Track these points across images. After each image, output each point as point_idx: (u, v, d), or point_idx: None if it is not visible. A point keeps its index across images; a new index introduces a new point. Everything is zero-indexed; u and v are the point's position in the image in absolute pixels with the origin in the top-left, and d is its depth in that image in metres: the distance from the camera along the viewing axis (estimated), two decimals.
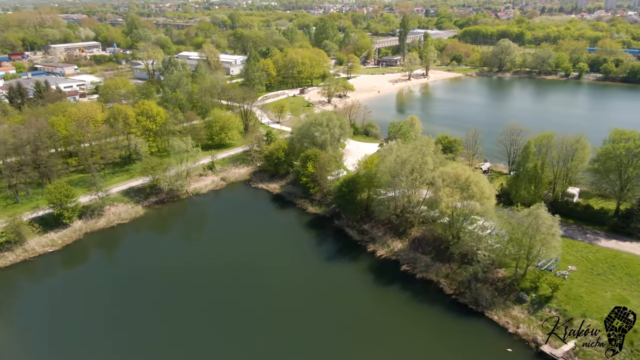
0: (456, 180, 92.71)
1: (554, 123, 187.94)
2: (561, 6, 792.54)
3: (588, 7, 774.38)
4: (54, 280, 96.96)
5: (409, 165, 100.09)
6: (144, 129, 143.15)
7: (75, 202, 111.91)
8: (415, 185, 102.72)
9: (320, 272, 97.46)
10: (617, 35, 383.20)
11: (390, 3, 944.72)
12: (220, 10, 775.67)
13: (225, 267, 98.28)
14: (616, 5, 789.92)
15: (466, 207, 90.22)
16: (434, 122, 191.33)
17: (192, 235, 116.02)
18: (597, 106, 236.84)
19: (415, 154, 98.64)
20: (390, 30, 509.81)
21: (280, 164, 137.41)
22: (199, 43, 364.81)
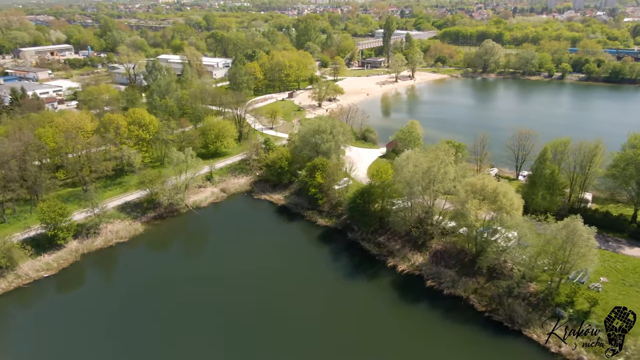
0: (482, 191, 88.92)
1: (547, 124, 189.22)
2: (532, 6, 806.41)
3: (558, 8, 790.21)
4: (51, 308, 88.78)
5: (429, 175, 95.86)
6: (136, 139, 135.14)
7: (70, 221, 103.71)
8: (435, 196, 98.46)
9: (339, 290, 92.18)
10: (594, 36, 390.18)
11: (364, 4, 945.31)
12: (193, 11, 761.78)
13: (234, 288, 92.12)
14: (584, 5, 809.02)
15: (496, 220, 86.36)
16: (428, 125, 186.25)
17: (196, 253, 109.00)
18: (583, 106, 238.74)
19: (436, 164, 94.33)
20: (369, 31, 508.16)
21: (283, 173, 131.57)
22: (177, 45, 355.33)
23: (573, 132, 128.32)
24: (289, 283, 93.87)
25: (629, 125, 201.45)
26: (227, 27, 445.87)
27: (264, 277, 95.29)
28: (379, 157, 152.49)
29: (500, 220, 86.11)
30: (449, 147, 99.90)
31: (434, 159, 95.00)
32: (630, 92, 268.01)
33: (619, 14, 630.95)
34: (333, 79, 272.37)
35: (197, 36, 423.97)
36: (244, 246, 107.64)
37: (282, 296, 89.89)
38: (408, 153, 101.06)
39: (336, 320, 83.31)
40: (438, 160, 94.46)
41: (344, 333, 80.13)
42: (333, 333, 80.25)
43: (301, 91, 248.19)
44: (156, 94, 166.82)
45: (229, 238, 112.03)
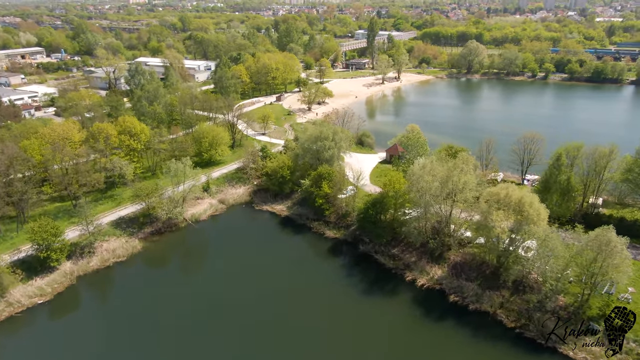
0: (506, 201, 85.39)
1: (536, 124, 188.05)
2: (504, 7, 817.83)
3: (530, 8, 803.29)
4: (48, 338, 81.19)
5: (448, 185, 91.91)
6: (127, 149, 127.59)
7: (63, 241, 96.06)
8: (454, 207, 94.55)
9: (358, 308, 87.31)
10: (571, 36, 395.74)
11: (339, 4, 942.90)
12: (166, 12, 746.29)
13: (241, 309, 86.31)
14: (555, 5, 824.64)
15: (525, 232, 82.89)
16: (422, 128, 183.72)
17: (198, 271, 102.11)
18: (570, 107, 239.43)
19: (455, 173, 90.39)
20: (349, 32, 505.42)
21: (285, 182, 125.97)
22: (154, 48, 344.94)
23: (566, 133, 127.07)
24: (300, 302, 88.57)
25: (616, 125, 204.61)
26: (204, 29, 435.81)
27: (273, 295, 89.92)
28: (379, 163, 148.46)
29: (529, 232, 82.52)
30: (468, 155, 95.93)
31: (453, 167, 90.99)
32: (612, 91, 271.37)
33: (589, 14, 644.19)
34: (319, 81, 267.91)
35: (174, 38, 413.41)
36: (248, 262, 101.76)
37: (295, 316, 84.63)
38: (424, 162, 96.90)
39: (359, 342, 78.47)
40: (457, 169, 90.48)
41: (368, 356, 75.34)
42: (357, 356, 75.39)
43: (289, 94, 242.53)
44: (144, 99, 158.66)
45: (232, 253, 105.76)
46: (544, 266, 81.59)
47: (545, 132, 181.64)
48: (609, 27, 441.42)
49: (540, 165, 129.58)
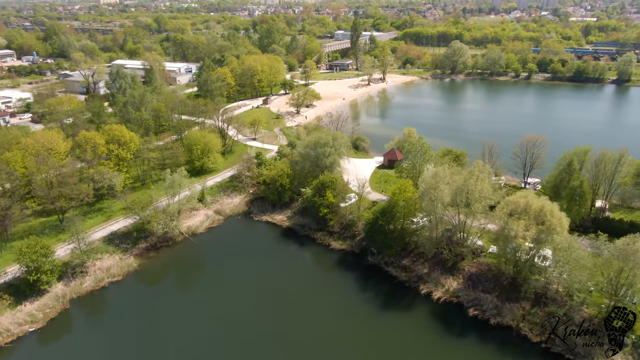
0: (526, 210, 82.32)
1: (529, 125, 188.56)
2: (479, 7, 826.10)
3: (503, 8, 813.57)
4: None
5: (463, 194, 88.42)
6: (116, 159, 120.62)
7: (54, 261, 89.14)
8: (469, 216, 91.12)
9: (373, 324, 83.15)
10: (549, 35, 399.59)
11: (315, 4, 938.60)
12: (140, 13, 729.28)
13: (247, 327, 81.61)
14: (527, 5, 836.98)
15: (548, 242, 79.91)
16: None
17: (200, 289, 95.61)
18: (558, 106, 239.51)
19: (472, 182, 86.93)
20: (328, 33, 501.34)
21: (284, 191, 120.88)
22: (131, 50, 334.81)
23: (559, 133, 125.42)
24: (309, 319, 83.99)
25: (605, 124, 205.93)
26: (182, 30, 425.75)
27: (279, 312, 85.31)
28: (377, 168, 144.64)
29: (552, 242, 79.55)
30: (484, 163, 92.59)
31: (469, 176, 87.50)
32: (595, 90, 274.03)
33: (562, 13, 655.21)
34: (304, 83, 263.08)
35: (150, 39, 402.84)
36: (251, 277, 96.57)
37: (304, 334, 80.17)
38: (436, 170, 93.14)
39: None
40: (473, 177, 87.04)
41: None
42: None
43: (275, 97, 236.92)
44: (129, 105, 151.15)
45: (233, 268, 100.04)
46: (569, 277, 78.55)
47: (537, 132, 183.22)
48: (585, 26, 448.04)
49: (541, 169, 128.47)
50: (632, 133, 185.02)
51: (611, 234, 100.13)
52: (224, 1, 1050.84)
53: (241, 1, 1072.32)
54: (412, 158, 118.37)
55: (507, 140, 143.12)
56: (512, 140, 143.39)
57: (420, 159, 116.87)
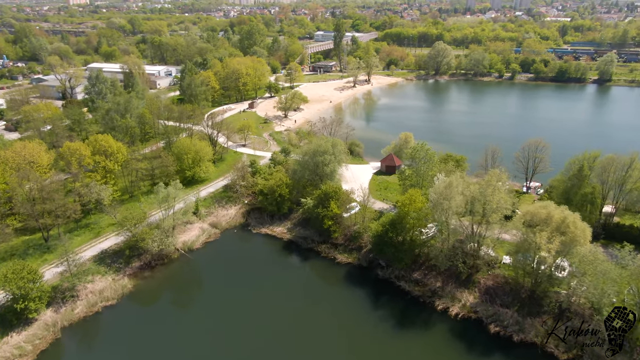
0: (548, 221, 78.93)
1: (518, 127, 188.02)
2: (455, 7, 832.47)
3: (478, 8, 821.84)
4: None
5: (479, 204, 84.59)
6: (103, 171, 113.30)
7: (42, 287, 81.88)
8: (485, 227, 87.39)
9: (389, 344, 78.40)
10: (527, 36, 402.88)
11: (291, 4, 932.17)
12: (112, 14, 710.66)
13: (253, 351, 76.19)
14: (501, 5, 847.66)
15: (572, 255, 76.59)
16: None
17: (200, 310, 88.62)
18: (545, 107, 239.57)
19: (490, 192, 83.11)
20: (307, 34, 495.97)
21: (283, 202, 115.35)
22: (107, 53, 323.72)
23: (549, 135, 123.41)
24: (320, 340, 78.89)
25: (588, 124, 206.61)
26: (158, 31, 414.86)
27: (287, 333, 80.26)
28: (374, 174, 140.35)
29: (577, 254, 76.27)
30: (500, 171, 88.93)
31: (487, 185, 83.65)
32: (577, 90, 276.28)
33: (536, 14, 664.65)
34: (289, 86, 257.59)
35: (125, 41, 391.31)
36: (254, 295, 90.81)
37: (316, 357, 74.83)
38: (450, 180, 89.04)
39: None
40: (491, 187, 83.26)
41: None
42: None
43: (261, 100, 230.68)
44: (113, 112, 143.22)
45: (234, 286, 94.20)
46: (596, 291, 75.25)
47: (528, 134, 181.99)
48: (562, 26, 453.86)
49: (544, 173, 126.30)
50: (621, 132, 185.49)
51: (622, 241, 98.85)
52: (198, 2, 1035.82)
53: (215, 2, 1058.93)
54: (416, 165, 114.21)
55: (499, 142, 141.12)
56: (504, 142, 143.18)
57: (424, 166, 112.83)
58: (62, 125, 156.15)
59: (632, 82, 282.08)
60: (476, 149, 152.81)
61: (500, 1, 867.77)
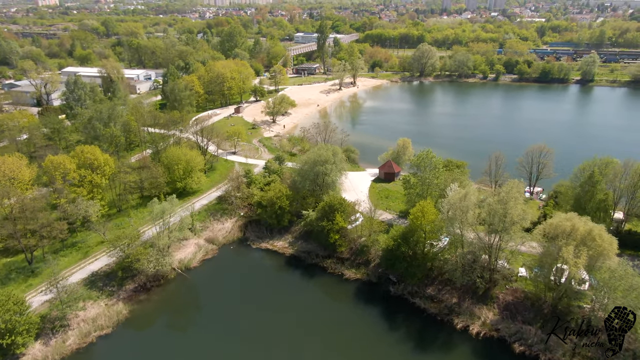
0: (572, 234, 75.28)
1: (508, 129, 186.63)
2: (431, 8, 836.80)
3: (454, 9, 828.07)
4: None
5: (497, 217, 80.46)
6: (90, 186, 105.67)
7: (30, 318, 74.47)
8: (504, 240, 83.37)
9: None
10: (507, 36, 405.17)
11: (267, 5, 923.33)
12: (84, 16, 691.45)
13: None
14: (476, 6, 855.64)
15: (601, 269, 73.09)
16: (395, 138, 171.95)
17: (202, 335, 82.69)
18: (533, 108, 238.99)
19: (512, 204, 79.03)
20: (286, 35, 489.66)
21: (283, 214, 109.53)
22: (82, 56, 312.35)
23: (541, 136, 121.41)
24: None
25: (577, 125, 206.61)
26: (134, 34, 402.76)
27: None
28: (373, 182, 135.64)
29: (605, 268, 72.78)
30: (518, 182, 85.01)
31: (508, 197, 79.53)
32: (560, 91, 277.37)
33: (511, 14, 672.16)
34: (274, 89, 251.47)
35: (100, 44, 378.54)
36: (258, 317, 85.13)
37: None
38: (466, 191, 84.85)
39: None
40: (512, 200, 79.21)
41: None
42: None
43: (247, 104, 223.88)
44: (96, 120, 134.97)
45: (236, 307, 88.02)
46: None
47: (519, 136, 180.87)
48: (540, 27, 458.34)
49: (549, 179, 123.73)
50: (612, 133, 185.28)
51: (635, 248, 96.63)
52: (172, 3, 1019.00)
53: (190, 3, 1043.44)
54: (421, 173, 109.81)
55: (493, 146, 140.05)
56: (497, 145, 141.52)
57: (430, 174, 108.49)
58: (40, 134, 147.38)
59: (614, 82, 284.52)
60: (470, 153, 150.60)
61: (476, 2, 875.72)
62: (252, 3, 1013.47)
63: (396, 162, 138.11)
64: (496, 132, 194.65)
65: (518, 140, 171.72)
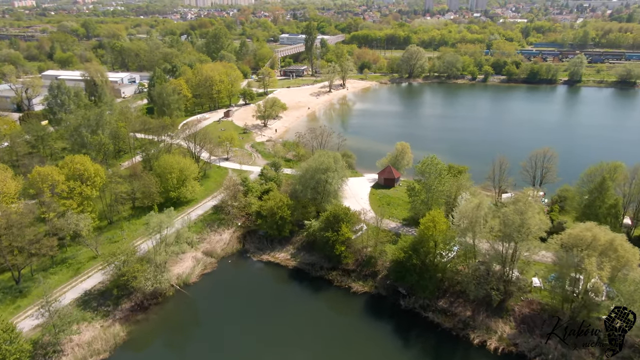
0: (593, 244, 72.61)
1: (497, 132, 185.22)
2: (414, 8, 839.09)
3: (437, 9, 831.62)
4: None
5: (514, 227, 77.41)
6: (80, 198, 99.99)
7: (21, 345, 68.92)
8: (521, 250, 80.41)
9: None
10: (493, 37, 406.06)
11: (249, 6, 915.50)
12: (62, 17, 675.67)
13: None
14: (458, 7, 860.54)
15: (628, 282, 70.48)
16: (391, 142, 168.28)
17: (207, 356, 78.40)
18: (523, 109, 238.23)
19: (531, 214, 76.05)
20: (271, 36, 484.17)
21: (284, 225, 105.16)
22: (63, 59, 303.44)
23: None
24: None
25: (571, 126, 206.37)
26: (116, 35, 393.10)
27: None
28: (372, 188, 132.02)
29: (630, 279, 70.23)
30: (537, 191, 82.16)
31: (526, 207, 76.48)
32: (549, 91, 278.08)
33: (493, 15, 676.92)
34: (263, 92, 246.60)
35: (81, 46, 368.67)
36: (264, 334, 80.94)
37: None
38: (480, 200, 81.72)
39: None
40: (532, 209, 76.22)
41: None
42: None
43: (236, 108, 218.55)
44: (84, 128, 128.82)
45: (240, 325, 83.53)
46: None
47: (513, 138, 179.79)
48: (524, 28, 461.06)
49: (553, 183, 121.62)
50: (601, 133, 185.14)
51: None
52: (152, 4, 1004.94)
53: (170, 4, 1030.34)
54: (426, 180, 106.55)
55: (486, 148, 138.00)
56: (491, 146, 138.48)
57: (435, 181, 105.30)
58: (23, 142, 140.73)
59: (601, 82, 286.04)
60: (465, 155, 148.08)
61: (458, 3, 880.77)
62: (234, 4, 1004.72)
63: (395, 167, 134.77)
64: (489, 134, 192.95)
65: (513, 142, 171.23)
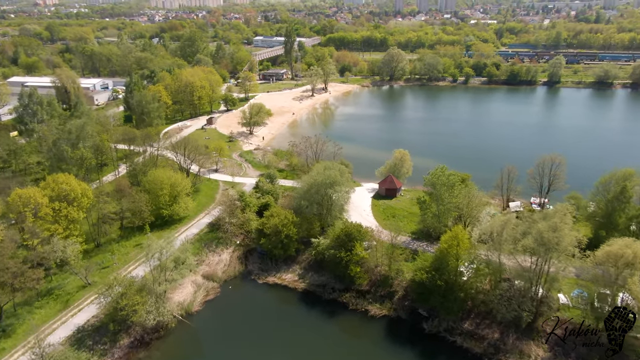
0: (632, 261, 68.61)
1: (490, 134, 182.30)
2: (384, 10, 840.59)
3: (407, 11, 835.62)
4: None
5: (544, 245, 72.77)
6: (66, 222, 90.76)
7: None
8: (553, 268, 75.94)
9: None
10: (468, 38, 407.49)
11: (219, 7, 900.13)
12: (22, 20, 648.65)
13: None
14: (428, 8, 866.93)
15: None
16: (382, 147, 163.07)
17: None
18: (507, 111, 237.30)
19: (567, 231, 71.51)
20: (244, 39, 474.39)
21: (290, 243, 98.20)
22: (28, 64, 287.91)
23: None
24: None
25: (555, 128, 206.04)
26: (83, 39, 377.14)
27: None
28: (373, 199, 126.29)
29: None
30: (567, 206, 77.76)
31: (562, 224, 71.86)
32: (528, 92, 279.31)
33: (463, 16, 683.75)
34: (244, 97, 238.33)
35: (46, 50, 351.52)
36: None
37: None
38: (507, 217, 76.88)
39: None
40: (567, 226, 71.68)
41: None
42: None
43: (218, 114, 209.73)
44: (64, 142, 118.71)
45: (251, 356, 76.54)
46: None
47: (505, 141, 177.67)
48: (498, 29, 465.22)
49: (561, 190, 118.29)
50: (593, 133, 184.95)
51: None
52: (117, 6, 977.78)
53: (136, 6, 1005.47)
54: (437, 192, 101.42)
55: (480, 152, 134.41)
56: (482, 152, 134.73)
57: (446, 193, 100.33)
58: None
59: (579, 83, 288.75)
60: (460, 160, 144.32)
61: (427, 4, 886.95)
62: (202, 6, 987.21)
63: (395, 176, 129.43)
64: (478, 137, 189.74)
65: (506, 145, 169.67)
